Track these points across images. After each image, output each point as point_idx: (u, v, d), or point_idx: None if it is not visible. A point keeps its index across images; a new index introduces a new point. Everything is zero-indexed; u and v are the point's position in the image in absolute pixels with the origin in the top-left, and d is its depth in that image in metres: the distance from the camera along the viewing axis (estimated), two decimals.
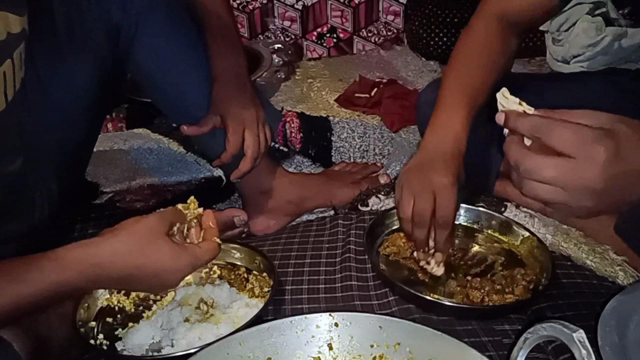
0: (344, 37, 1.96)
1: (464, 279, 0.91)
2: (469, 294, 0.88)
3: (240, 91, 1.07)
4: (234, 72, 1.08)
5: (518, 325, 0.85)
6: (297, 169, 1.37)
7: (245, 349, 0.71)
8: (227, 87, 1.07)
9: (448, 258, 0.94)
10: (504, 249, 1.00)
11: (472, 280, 0.90)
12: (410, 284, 0.91)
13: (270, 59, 1.65)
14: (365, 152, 1.39)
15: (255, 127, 1.07)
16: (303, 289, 0.94)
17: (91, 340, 0.81)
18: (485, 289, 0.87)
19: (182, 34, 1.05)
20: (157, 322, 0.84)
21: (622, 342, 0.71)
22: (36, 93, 0.89)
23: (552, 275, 0.89)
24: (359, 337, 0.74)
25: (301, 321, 0.74)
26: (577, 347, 0.56)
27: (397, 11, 1.92)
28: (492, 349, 0.81)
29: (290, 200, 1.16)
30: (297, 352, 0.74)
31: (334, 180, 1.24)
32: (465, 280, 0.91)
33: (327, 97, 1.59)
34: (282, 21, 1.92)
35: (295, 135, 1.41)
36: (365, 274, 0.96)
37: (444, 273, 0.92)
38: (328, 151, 1.40)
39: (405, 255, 0.97)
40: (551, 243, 1.00)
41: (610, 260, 0.96)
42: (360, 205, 1.17)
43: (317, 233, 1.09)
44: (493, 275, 0.92)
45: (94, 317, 0.86)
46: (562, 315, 0.84)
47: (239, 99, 1.07)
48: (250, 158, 1.06)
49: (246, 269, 0.95)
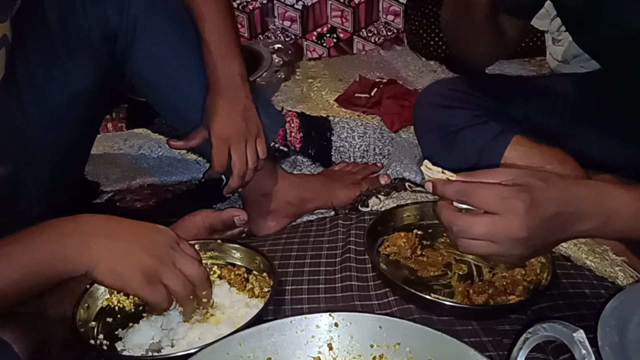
0: (344, 37, 1.96)
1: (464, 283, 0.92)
2: (472, 299, 0.87)
3: (228, 105, 1.04)
4: (225, 83, 1.04)
5: (518, 325, 0.85)
6: (297, 169, 1.37)
7: (245, 349, 0.71)
8: (216, 99, 1.04)
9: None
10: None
11: (474, 285, 0.90)
12: (410, 284, 0.91)
13: (270, 59, 1.65)
14: (365, 152, 1.39)
15: (242, 144, 1.03)
16: (303, 289, 0.94)
17: (91, 340, 0.81)
18: (489, 292, 0.87)
19: (180, 38, 1.04)
20: (157, 322, 0.84)
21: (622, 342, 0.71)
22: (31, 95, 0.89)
23: (552, 275, 0.89)
24: (359, 337, 0.74)
25: (301, 321, 0.74)
26: (577, 347, 0.56)
27: (397, 11, 1.92)
28: (492, 349, 0.81)
29: (290, 201, 1.16)
30: (297, 352, 0.74)
31: (334, 181, 1.24)
32: (467, 284, 0.91)
33: (327, 97, 1.59)
34: (282, 21, 1.92)
35: (295, 135, 1.41)
36: (365, 274, 0.96)
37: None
38: (328, 151, 1.40)
39: (405, 255, 0.97)
40: None
41: (610, 261, 0.96)
42: (360, 206, 1.17)
43: (317, 233, 1.09)
44: (494, 276, 0.92)
45: (94, 317, 0.86)
46: (562, 315, 0.84)
47: (226, 114, 1.03)
48: (236, 176, 1.04)
49: (246, 269, 0.94)
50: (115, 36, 1.00)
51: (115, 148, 1.41)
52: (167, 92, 1.07)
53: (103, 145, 1.39)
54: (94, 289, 0.87)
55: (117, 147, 1.41)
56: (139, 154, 1.39)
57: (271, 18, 1.92)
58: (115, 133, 1.52)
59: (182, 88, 1.06)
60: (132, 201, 1.23)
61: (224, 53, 1.05)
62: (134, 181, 1.28)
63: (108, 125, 1.56)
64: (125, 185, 1.27)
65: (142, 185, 1.28)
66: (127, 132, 1.52)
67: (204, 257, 0.96)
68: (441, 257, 0.98)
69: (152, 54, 1.04)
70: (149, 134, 1.47)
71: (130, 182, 1.28)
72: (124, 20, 1.00)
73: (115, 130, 1.56)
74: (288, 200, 1.16)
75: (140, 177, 1.30)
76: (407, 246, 0.97)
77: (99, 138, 1.29)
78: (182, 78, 1.06)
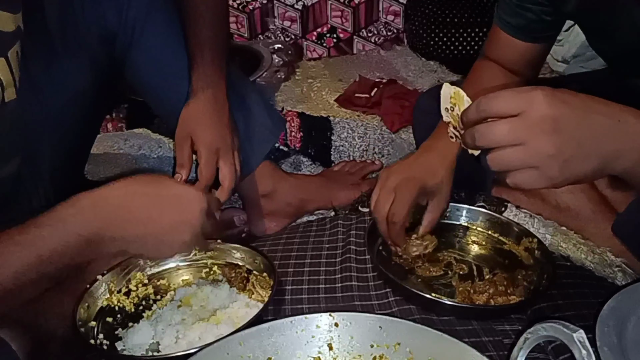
0: (344, 37, 1.96)
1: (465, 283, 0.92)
2: (473, 299, 0.88)
3: (217, 115, 1.01)
4: (214, 92, 1.01)
5: (518, 325, 0.85)
6: (297, 169, 1.37)
7: (245, 349, 0.71)
8: (204, 108, 1.01)
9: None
10: (504, 250, 1.00)
11: (475, 285, 0.90)
12: (411, 284, 0.91)
13: (270, 59, 1.65)
14: (365, 152, 1.39)
15: (231, 156, 1.00)
16: (303, 289, 0.94)
17: (91, 340, 0.81)
18: (489, 291, 0.88)
19: (179, 40, 1.04)
20: (157, 322, 0.85)
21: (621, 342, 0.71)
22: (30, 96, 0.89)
23: (552, 276, 0.89)
24: (359, 337, 0.74)
25: (301, 321, 0.74)
26: (577, 347, 0.56)
27: (397, 11, 1.92)
28: (492, 349, 0.81)
29: (290, 202, 1.16)
30: (297, 352, 0.74)
31: (334, 182, 1.24)
32: (468, 283, 0.91)
33: (327, 97, 1.58)
34: (282, 21, 1.92)
35: (295, 135, 1.41)
36: (366, 274, 0.96)
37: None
38: (328, 151, 1.40)
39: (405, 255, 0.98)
40: (550, 243, 1.00)
41: (609, 261, 0.96)
42: (360, 207, 1.17)
43: (317, 233, 1.09)
44: (494, 276, 0.92)
45: (94, 317, 0.86)
46: (562, 315, 0.84)
47: (215, 125, 1.00)
48: (227, 189, 0.99)
49: (246, 269, 0.95)
50: (114, 37, 1.00)
51: (115, 148, 1.41)
52: (166, 92, 1.07)
53: (103, 145, 1.39)
54: (94, 289, 0.87)
55: (117, 147, 1.41)
56: (139, 154, 1.39)
57: (271, 18, 1.92)
58: (115, 133, 1.52)
59: (181, 89, 1.05)
60: None
61: (217, 61, 1.03)
62: None
63: (108, 125, 1.56)
64: None
65: None
66: (127, 132, 1.52)
67: (204, 257, 0.97)
68: (442, 257, 0.98)
69: (150, 55, 1.04)
70: (149, 134, 1.47)
71: None
72: (122, 22, 0.99)
73: (115, 130, 1.56)
74: (288, 201, 1.16)
75: None
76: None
77: (99, 138, 1.29)
78: (180, 79, 1.05)
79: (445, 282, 0.94)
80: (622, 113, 0.62)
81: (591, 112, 0.61)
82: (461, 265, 0.96)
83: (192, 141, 0.99)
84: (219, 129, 1.00)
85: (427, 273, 0.95)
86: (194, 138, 0.99)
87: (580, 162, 0.61)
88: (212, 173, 0.99)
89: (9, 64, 0.77)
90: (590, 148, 0.61)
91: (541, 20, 1.00)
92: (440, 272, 0.95)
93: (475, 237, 1.03)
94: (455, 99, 0.66)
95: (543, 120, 0.59)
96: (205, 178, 0.98)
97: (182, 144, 1.00)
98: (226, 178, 0.99)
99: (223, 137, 1.00)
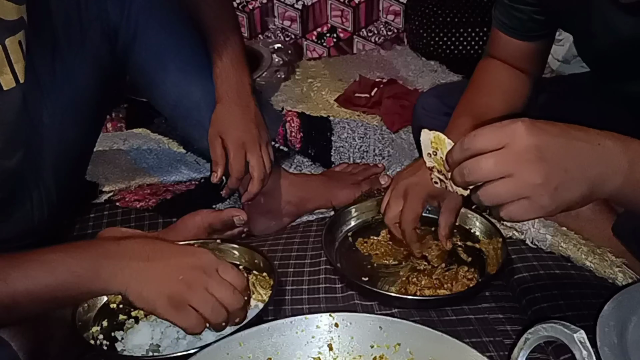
0: (344, 37, 1.96)
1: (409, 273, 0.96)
2: (407, 289, 0.92)
3: (242, 112, 1.07)
4: (237, 92, 1.07)
5: (519, 325, 0.85)
6: (297, 169, 1.36)
7: (245, 349, 0.71)
8: (230, 108, 1.06)
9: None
10: (475, 248, 1.02)
11: (410, 275, 0.94)
12: (362, 273, 0.96)
13: (270, 59, 1.65)
14: (365, 152, 1.39)
15: (258, 149, 1.05)
16: (303, 289, 0.94)
17: (91, 340, 0.81)
18: (421, 283, 0.92)
19: (181, 36, 1.05)
20: (157, 323, 0.84)
21: (621, 342, 0.71)
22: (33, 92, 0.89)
23: (488, 278, 0.93)
24: (359, 337, 0.74)
25: (301, 321, 0.74)
26: (577, 347, 0.56)
27: (397, 11, 1.92)
28: (492, 350, 0.81)
29: (290, 201, 1.16)
30: (297, 352, 0.74)
31: (335, 181, 1.24)
32: (411, 274, 0.95)
33: (327, 97, 1.58)
34: (282, 21, 1.92)
35: (295, 135, 1.41)
36: None
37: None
38: (328, 151, 1.40)
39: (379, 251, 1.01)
40: (551, 244, 1.00)
41: (609, 262, 0.96)
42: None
43: (317, 233, 1.09)
44: (444, 272, 0.95)
45: (94, 317, 0.86)
46: (562, 316, 0.84)
47: (240, 121, 1.06)
48: (257, 180, 1.05)
49: (246, 269, 0.94)
50: (117, 33, 1.01)
51: (115, 148, 1.41)
52: (169, 88, 1.08)
53: (103, 145, 1.39)
54: None
55: (116, 147, 1.41)
56: (139, 154, 1.39)
57: (271, 18, 1.92)
58: (115, 133, 1.52)
59: (183, 84, 1.06)
60: (131, 201, 1.23)
61: (235, 63, 1.08)
62: (133, 181, 1.28)
63: (108, 125, 1.56)
64: (124, 185, 1.27)
65: (141, 185, 1.28)
66: (126, 132, 1.52)
67: None
68: (405, 250, 1.00)
69: (153, 51, 1.04)
70: (148, 134, 1.47)
71: (129, 182, 1.28)
72: (124, 18, 1.00)
73: (115, 130, 1.56)
74: (288, 200, 1.16)
75: (139, 177, 1.30)
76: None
77: (99, 138, 1.29)
78: (183, 74, 1.06)
79: (394, 271, 0.97)
80: (599, 137, 0.64)
81: (571, 139, 0.63)
82: (421, 261, 0.98)
83: (222, 140, 1.05)
84: (245, 124, 1.06)
85: (381, 261, 0.99)
86: (223, 136, 1.05)
87: (569, 188, 0.62)
88: (241, 166, 1.04)
89: (5, 51, 0.77)
90: (576, 173, 0.62)
91: (533, 19, 1.01)
92: (395, 262, 0.99)
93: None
94: (437, 143, 0.68)
95: (527, 150, 0.60)
96: (235, 171, 1.04)
97: (214, 144, 1.06)
98: (254, 169, 1.05)
99: (249, 131, 1.05)
